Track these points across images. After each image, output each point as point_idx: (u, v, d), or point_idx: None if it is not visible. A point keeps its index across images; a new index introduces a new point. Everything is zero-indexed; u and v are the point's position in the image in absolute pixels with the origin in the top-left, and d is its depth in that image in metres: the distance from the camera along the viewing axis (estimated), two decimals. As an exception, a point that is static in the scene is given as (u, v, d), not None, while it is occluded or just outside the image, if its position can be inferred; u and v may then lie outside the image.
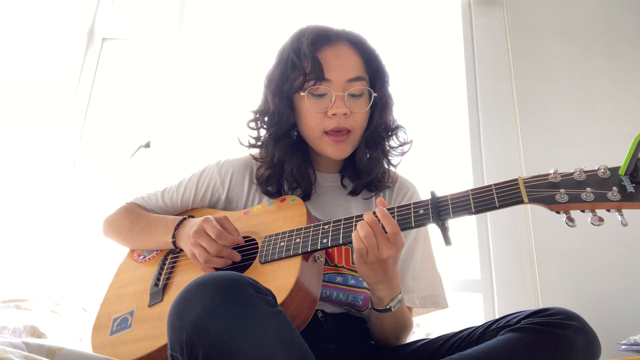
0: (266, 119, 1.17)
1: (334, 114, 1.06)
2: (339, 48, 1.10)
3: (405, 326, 1.05)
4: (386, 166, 1.20)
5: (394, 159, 1.20)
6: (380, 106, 1.13)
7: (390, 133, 1.17)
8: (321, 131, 1.09)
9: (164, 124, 2.19)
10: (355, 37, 1.13)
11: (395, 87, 1.18)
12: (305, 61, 1.07)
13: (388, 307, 0.95)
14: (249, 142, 1.21)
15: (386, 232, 0.87)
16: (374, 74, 1.13)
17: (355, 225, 0.91)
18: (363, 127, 1.13)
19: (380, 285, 0.93)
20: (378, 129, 1.14)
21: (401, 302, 0.97)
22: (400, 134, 1.19)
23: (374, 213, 0.91)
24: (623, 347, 1.45)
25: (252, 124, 1.20)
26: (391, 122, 1.18)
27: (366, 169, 1.15)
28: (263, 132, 1.19)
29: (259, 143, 1.20)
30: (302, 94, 1.08)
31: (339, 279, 1.07)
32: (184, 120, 2.20)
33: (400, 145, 1.19)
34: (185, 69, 2.27)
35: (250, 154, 1.22)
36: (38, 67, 2.04)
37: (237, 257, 1.03)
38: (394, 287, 0.94)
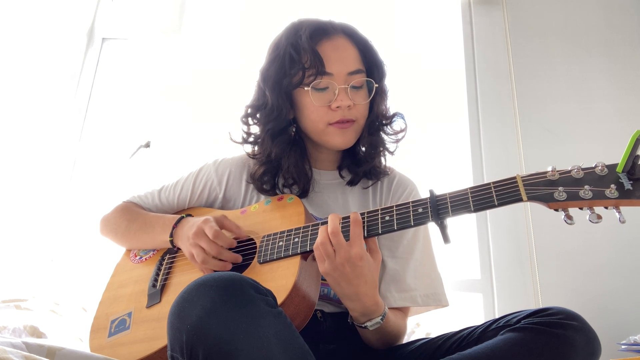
0: (261, 114, 1.15)
1: (338, 107, 1.07)
2: (337, 41, 1.10)
3: (394, 337, 1.02)
4: (384, 154, 1.21)
5: (390, 146, 1.20)
6: (379, 95, 1.14)
7: (388, 121, 1.19)
8: (325, 123, 1.09)
9: (164, 124, 2.19)
10: (350, 29, 1.13)
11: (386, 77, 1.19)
12: (304, 56, 1.07)
13: (364, 326, 0.94)
14: (243, 138, 1.19)
15: (347, 240, 0.87)
16: (370, 65, 1.14)
17: None
18: (365, 117, 1.14)
19: (349, 302, 0.91)
20: (377, 118, 1.16)
21: (381, 323, 0.94)
22: (398, 120, 1.20)
23: (345, 218, 0.91)
24: (623, 347, 1.45)
25: (246, 119, 1.18)
26: (387, 111, 1.19)
27: (367, 157, 1.16)
28: (256, 129, 1.18)
29: (252, 139, 1.18)
30: (305, 89, 1.08)
31: None
32: (184, 120, 2.20)
33: (396, 133, 1.20)
34: (186, 69, 2.27)
35: (245, 151, 1.22)
36: (38, 67, 2.03)
37: (238, 259, 1.02)
38: (367, 309, 0.91)
